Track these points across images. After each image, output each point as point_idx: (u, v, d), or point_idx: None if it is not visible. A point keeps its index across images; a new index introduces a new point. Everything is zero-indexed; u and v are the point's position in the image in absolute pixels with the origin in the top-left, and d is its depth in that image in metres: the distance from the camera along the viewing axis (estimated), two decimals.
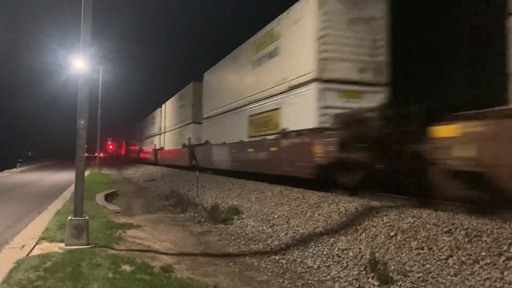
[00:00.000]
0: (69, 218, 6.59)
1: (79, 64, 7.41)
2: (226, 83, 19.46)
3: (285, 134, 12.44)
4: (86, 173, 25.17)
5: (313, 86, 11.05)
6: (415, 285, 4.94)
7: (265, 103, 14.08)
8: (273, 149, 13.09)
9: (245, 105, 15.91)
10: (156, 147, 40.06)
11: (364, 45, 11.13)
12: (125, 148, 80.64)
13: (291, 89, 12.24)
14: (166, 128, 35.85)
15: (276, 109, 13.19)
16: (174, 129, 31.83)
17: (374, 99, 10.75)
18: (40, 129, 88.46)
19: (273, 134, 13.28)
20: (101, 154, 46.50)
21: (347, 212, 8.00)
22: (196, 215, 11.22)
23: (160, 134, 38.81)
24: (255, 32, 15.55)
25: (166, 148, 34.88)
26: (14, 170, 35.74)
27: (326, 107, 10.83)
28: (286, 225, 8.55)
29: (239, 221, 9.74)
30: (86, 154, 7.35)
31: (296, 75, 11.96)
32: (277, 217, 9.25)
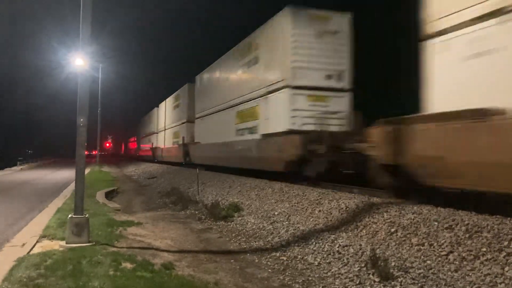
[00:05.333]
0: (69, 216, 6.60)
1: (79, 62, 7.40)
2: (215, 86, 21.26)
3: (263, 136, 14.14)
4: (87, 171, 25.20)
5: (286, 92, 12.74)
6: (416, 281, 4.95)
7: (248, 103, 15.84)
8: (254, 148, 14.98)
9: (233, 106, 17.51)
10: (154, 145, 40.45)
11: (330, 55, 12.85)
12: (125, 146, 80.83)
13: (269, 94, 13.92)
14: (162, 127, 36.63)
15: (256, 106, 15.11)
16: (171, 127, 32.86)
17: (339, 103, 12.76)
18: (40, 127, 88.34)
19: (254, 127, 15.07)
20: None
21: (347, 208, 8.00)
22: (196, 212, 11.24)
23: (157, 133, 39.38)
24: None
25: (163, 146, 35.32)
26: (14, 168, 35.76)
27: (297, 110, 12.54)
28: (286, 222, 8.56)
29: (240, 218, 9.75)
30: (86, 152, 7.36)
31: (272, 82, 13.67)
32: (277, 214, 9.26)
